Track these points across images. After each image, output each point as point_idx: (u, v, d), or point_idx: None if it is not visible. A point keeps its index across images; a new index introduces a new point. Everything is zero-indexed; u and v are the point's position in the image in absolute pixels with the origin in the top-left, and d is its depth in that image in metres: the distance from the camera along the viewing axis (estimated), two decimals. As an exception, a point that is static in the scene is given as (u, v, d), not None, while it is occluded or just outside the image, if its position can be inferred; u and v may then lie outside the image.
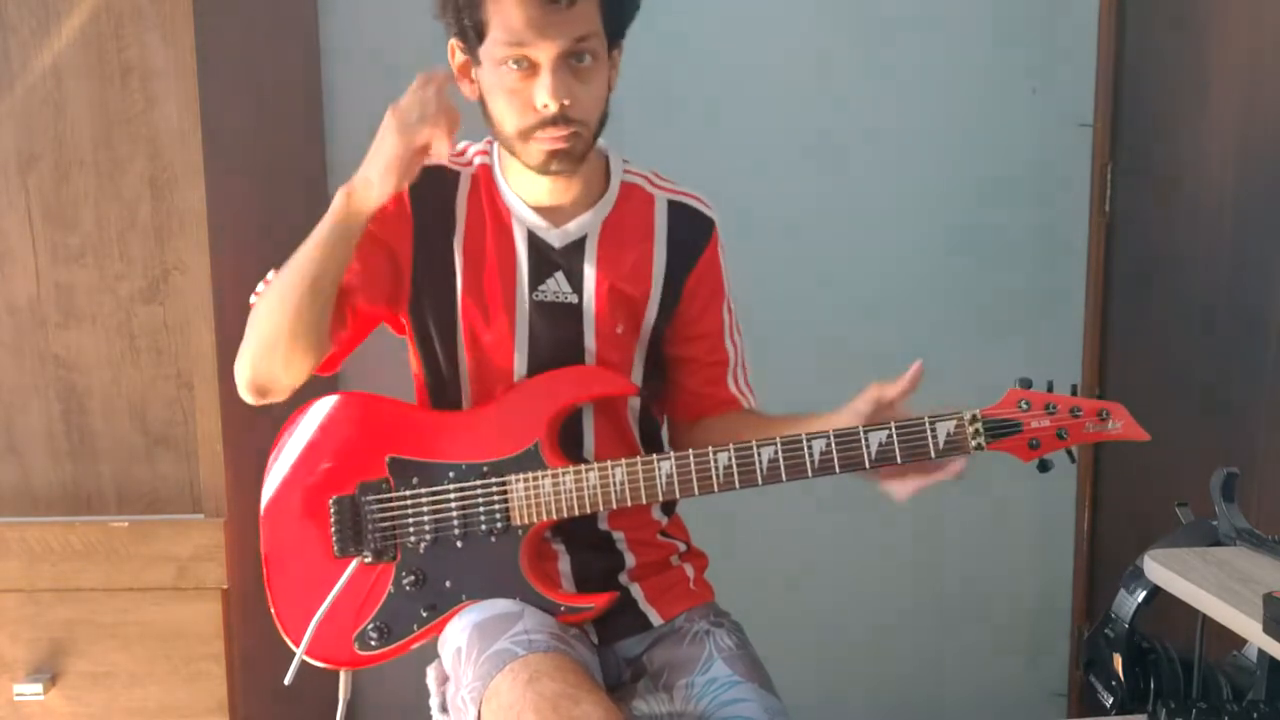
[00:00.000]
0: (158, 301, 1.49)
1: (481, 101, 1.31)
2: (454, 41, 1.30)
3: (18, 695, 1.50)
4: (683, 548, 1.49)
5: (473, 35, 1.26)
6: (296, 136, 1.90)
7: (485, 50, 1.26)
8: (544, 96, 1.25)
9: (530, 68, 1.24)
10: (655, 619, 1.41)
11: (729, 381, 1.48)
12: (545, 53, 1.23)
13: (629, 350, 1.41)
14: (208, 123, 1.46)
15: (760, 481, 1.28)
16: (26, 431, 1.51)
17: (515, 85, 1.26)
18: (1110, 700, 1.22)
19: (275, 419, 1.46)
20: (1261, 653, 1.13)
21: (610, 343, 1.38)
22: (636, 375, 1.43)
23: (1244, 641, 1.19)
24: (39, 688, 1.50)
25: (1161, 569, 1.15)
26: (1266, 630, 0.99)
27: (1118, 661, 1.20)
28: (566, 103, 1.25)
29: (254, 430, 1.59)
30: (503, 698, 1.19)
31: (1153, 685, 1.19)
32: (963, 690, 2.32)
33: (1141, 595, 1.19)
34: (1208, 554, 1.16)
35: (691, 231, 1.42)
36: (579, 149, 1.30)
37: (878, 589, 2.28)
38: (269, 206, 1.74)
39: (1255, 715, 1.10)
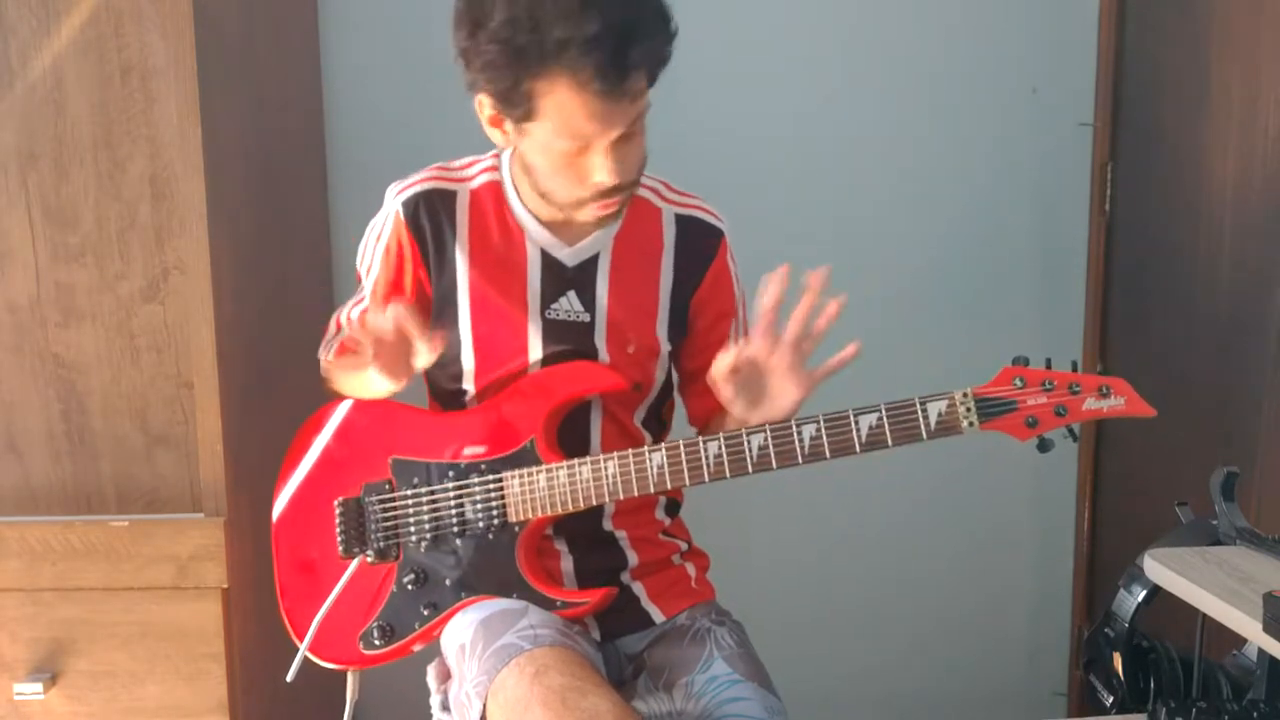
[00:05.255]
0: (158, 301, 1.49)
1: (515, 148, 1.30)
2: (485, 99, 1.23)
3: (18, 695, 1.50)
4: (684, 547, 1.49)
5: (520, 114, 1.20)
6: (296, 136, 1.90)
7: (534, 129, 1.21)
8: (603, 175, 1.23)
9: (584, 145, 1.21)
10: (657, 616, 1.41)
11: None
12: (605, 138, 1.20)
13: (647, 369, 1.40)
14: (208, 123, 1.46)
15: (750, 470, 1.26)
16: (26, 431, 1.51)
17: (569, 161, 1.23)
18: (1110, 700, 1.22)
19: (275, 418, 1.46)
20: (1261, 652, 1.13)
21: (624, 361, 1.37)
22: (655, 389, 1.43)
23: (1244, 641, 1.19)
24: (39, 687, 1.50)
25: (1161, 569, 1.15)
26: (1266, 630, 0.99)
27: (1118, 661, 1.20)
28: (622, 176, 1.24)
29: (254, 430, 1.59)
30: (509, 692, 1.19)
31: (1153, 685, 1.19)
32: (963, 690, 2.32)
33: (1141, 595, 1.19)
34: (1208, 554, 1.16)
35: (699, 246, 1.41)
36: (625, 205, 1.32)
37: (877, 589, 2.28)
38: (269, 206, 1.74)
39: (1255, 715, 1.09)
